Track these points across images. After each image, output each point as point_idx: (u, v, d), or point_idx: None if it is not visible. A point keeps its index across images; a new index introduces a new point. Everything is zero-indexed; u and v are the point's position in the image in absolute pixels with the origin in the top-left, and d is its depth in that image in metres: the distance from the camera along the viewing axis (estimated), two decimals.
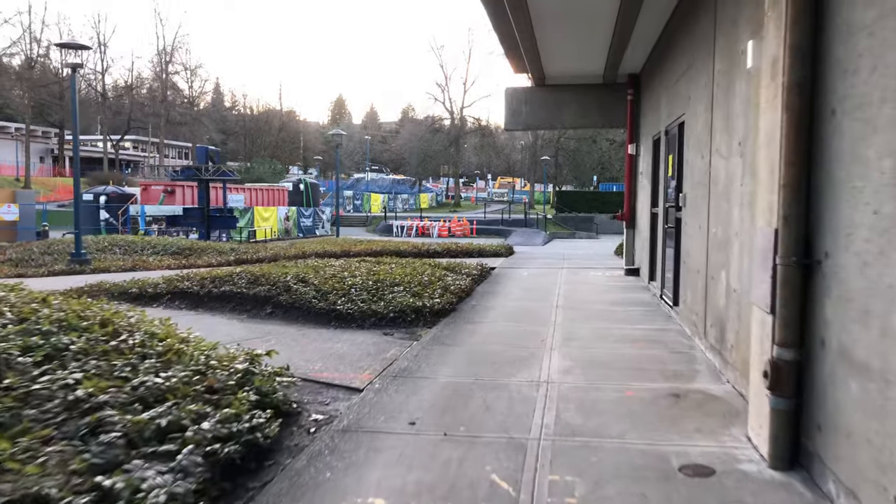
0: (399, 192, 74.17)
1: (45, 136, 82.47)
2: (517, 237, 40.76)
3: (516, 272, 13.48)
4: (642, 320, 8.22)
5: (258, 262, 15.46)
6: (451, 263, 12.47)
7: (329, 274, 9.52)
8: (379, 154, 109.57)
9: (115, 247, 17.76)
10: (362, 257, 15.28)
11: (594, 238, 44.35)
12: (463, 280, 10.80)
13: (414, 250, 16.32)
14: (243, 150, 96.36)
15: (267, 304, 8.44)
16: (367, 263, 11.43)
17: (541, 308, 9.08)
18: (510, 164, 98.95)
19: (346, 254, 15.85)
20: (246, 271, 9.51)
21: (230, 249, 18.30)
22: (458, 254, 16.44)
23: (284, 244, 20.30)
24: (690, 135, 7.45)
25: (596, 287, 11.29)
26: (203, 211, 27.33)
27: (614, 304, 9.43)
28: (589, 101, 13.76)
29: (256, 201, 40.97)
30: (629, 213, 13.68)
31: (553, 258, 17.29)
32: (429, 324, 7.95)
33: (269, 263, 13.07)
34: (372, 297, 8.50)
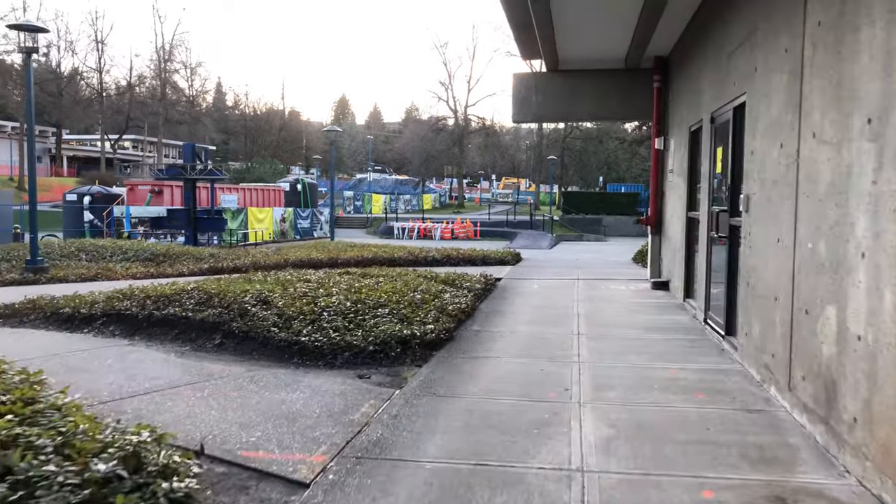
0: (402, 192, 72.55)
1: (42, 136, 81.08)
2: (522, 240, 39.02)
3: (525, 284, 11.76)
4: (689, 354, 6.49)
5: (234, 271, 13.78)
6: (450, 275, 10.76)
7: (300, 292, 7.82)
8: (382, 154, 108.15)
9: (82, 252, 16.11)
10: (348, 267, 13.60)
11: (603, 241, 42.59)
12: (463, 297, 9.09)
13: (409, 257, 14.60)
14: (244, 150, 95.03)
15: (216, 333, 6.73)
16: (351, 276, 9.72)
17: (559, 336, 7.37)
18: (515, 164, 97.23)
19: (332, 262, 14.14)
20: (201, 288, 7.81)
21: (209, 255, 16.64)
22: (460, 261, 14.72)
23: (270, 249, 18.66)
24: (757, 118, 5.72)
25: (621, 305, 9.56)
26: (189, 212, 25.68)
27: (649, 330, 7.70)
28: (608, 89, 12.03)
29: (251, 202, 39.32)
30: (655, 218, 11.95)
31: (565, 266, 15.56)
32: (418, 360, 6.24)
33: (243, 274, 11.39)
34: (348, 323, 6.80)
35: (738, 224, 6.51)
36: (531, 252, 29.65)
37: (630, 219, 49.25)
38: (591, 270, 14.17)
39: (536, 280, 12.38)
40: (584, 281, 12.22)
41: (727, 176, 6.89)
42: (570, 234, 45.70)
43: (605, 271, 14.09)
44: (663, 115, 11.66)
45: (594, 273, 13.61)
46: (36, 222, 13.72)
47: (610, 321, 8.28)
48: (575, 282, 12.11)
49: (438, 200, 76.77)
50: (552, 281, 12.29)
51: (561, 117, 12.26)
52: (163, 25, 70.33)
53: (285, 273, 10.07)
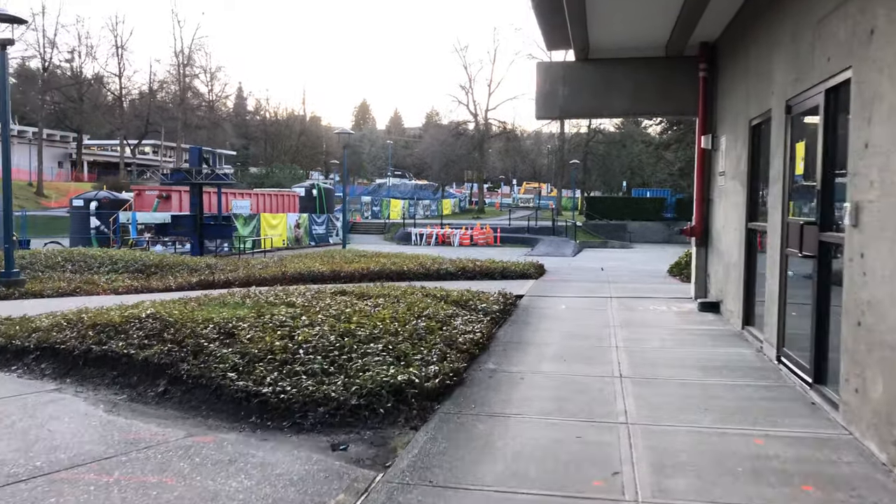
0: (421, 197, 71.23)
1: (63, 141, 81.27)
2: (544, 247, 37.41)
3: (551, 304, 10.25)
4: (771, 412, 4.93)
5: (226, 285, 12.43)
6: (463, 294, 9.28)
7: (277, 321, 6.38)
8: (402, 159, 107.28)
9: (69, 262, 14.89)
10: (352, 281, 12.20)
11: (629, 248, 40.85)
12: (477, 323, 7.61)
13: (420, 270, 13.15)
14: (263, 155, 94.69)
15: (161, 377, 5.32)
16: (347, 297, 8.28)
17: (595, 379, 5.85)
18: (536, 168, 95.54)
19: (334, 275, 12.73)
20: (158, 315, 6.40)
21: (205, 266, 15.33)
22: (476, 275, 13.23)
23: (274, 258, 17.29)
24: (874, 98, 4.19)
25: (666, 333, 8.00)
26: (195, 218, 24.45)
27: (707, 370, 6.15)
28: (645, 81, 10.49)
29: (264, 207, 38.09)
30: (701, 228, 10.37)
31: (593, 280, 14.00)
32: (415, 418, 4.76)
33: (228, 291, 10.00)
34: (329, 365, 5.35)
35: (834, 241, 4.96)
36: (554, 261, 28.02)
37: (656, 224, 47.44)
38: (625, 286, 12.59)
39: (563, 298, 10.84)
40: (619, 300, 10.66)
41: (815, 178, 5.35)
42: (594, 240, 44.00)
43: (640, 287, 12.51)
44: (710, 110, 10.10)
45: (628, 289, 12.04)
46: (11, 229, 12.50)
47: (657, 356, 6.74)
48: (608, 301, 10.56)
49: (458, 205, 75.28)
50: (581, 300, 10.75)
51: (590, 113, 10.78)
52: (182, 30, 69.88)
53: (271, 292, 8.65)
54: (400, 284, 10.66)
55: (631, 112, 11.01)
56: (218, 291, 10.05)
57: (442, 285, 10.94)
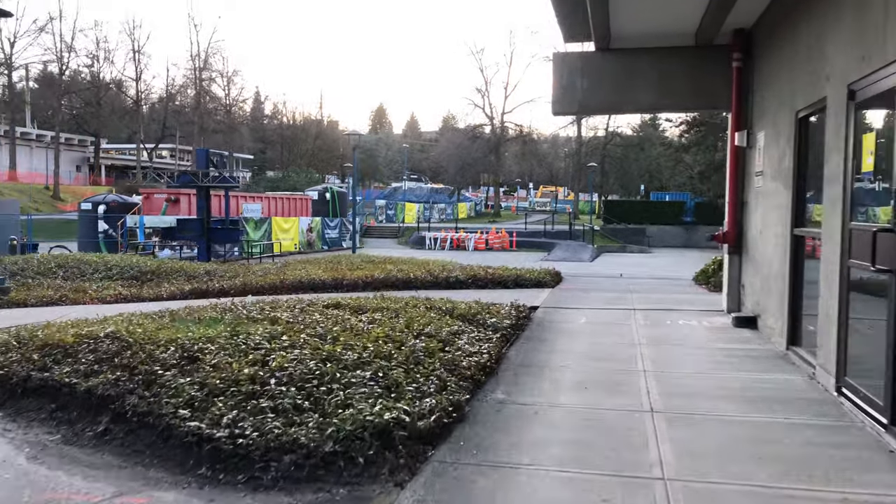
0: (437, 201, 70.43)
1: (81, 145, 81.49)
2: (561, 251, 36.42)
3: (568, 318, 9.32)
4: (844, 467, 3.97)
5: (220, 294, 11.63)
6: (472, 306, 8.39)
7: (253, 342, 5.52)
8: (418, 163, 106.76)
9: (62, 268, 14.18)
10: (355, 290, 11.37)
11: (648, 253, 39.72)
12: (486, 341, 6.72)
13: (428, 278, 12.27)
14: (280, 159, 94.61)
15: (104, 413, 4.48)
16: (341, 311, 7.41)
17: (622, 415, 4.94)
18: (553, 172, 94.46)
19: (336, 283, 11.88)
20: (117, 335, 5.58)
21: (203, 273, 14.56)
22: (488, 283, 12.32)
23: (278, 264, 16.49)
24: None
25: (701, 353, 7.05)
26: (202, 222, 23.77)
27: (754, 403, 5.20)
28: (672, 72, 9.54)
29: (276, 211, 37.45)
30: (734, 233, 9.40)
31: (614, 289, 13.04)
32: (401, 470, 3.87)
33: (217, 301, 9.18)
34: (304, 399, 4.48)
35: None
36: (571, 266, 27.00)
37: (675, 229, 46.24)
38: (649, 296, 11.62)
39: (582, 310, 9.91)
40: (643, 312, 9.71)
41: (894, 176, 4.40)
42: (612, 244, 42.93)
43: (665, 297, 11.53)
44: (745, 104, 9.14)
45: (653, 300, 11.07)
46: None
47: (692, 384, 5.81)
48: (631, 313, 9.61)
49: (474, 209, 74.42)
50: (602, 312, 9.81)
51: (612, 108, 9.86)
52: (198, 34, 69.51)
53: (257, 305, 7.79)
54: (403, 295, 9.79)
55: (656, 107, 10.08)
56: (208, 301, 9.23)
57: (450, 295, 10.06)
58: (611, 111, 10.86)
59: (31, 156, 74.17)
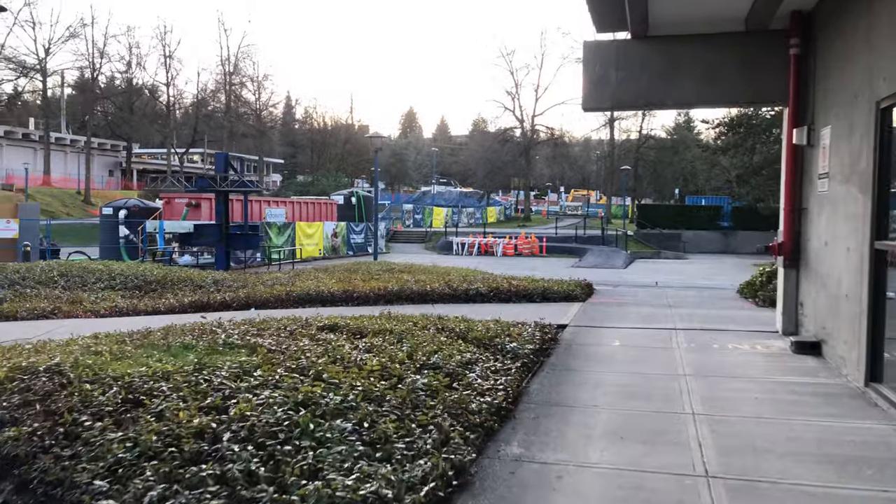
0: (466, 205, 69.52)
1: (114, 150, 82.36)
2: (593, 257, 35.13)
3: (600, 339, 8.24)
4: None
5: (221, 307, 10.79)
6: (489, 327, 7.38)
7: (217, 380, 4.57)
8: (448, 166, 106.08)
9: (64, 277, 13.50)
10: (365, 304, 10.44)
11: (684, 259, 38.20)
12: (502, 374, 5.71)
13: (447, 291, 11.26)
14: (310, 164, 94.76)
15: (8, 478, 3.56)
16: (336, 335, 6.45)
17: (671, 483, 3.86)
18: (585, 175, 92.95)
19: (345, 297, 10.94)
20: (61, 367, 4.69)
21: (211, 282, 13.76)
22: (512, 296, 11.27)
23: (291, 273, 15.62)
24: None
25: (759, 390, 5.92)
26: (220, 228, 23.06)
27: (842, 470, 4.08)
28: (720, 61, 8.42)
29: (301, 216, 36.80)
30: (791, 244, 8.23)
31: (651, 302, 11.90)
32: None
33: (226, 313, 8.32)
34: (261, 464, 3.50)
35: None
36: (604, 274, 25.75)
37: (711, 234, 44.55)
38: (691, 313, 10.46)
39: (616, 330, 8.82)
40: (686, 332, 8.58)
41: None
42: (646, 250, 41.48)
43: (709, 314, 10.37)
44: (805, 95, 7.98)
45: (696, 317, 9.91)
46: None
47: (754, 434, 4.71)
48: (672, 334, 8.49)
49: (503, 213, 73.27)
50: (639, 332, 8.70)
51: (650, 102, 8.75)
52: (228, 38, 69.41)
53: (242, 326, 6.86)
54: (416, 312, 8.81)
55: (700, 101, 8.94)
56: (201, 316, 8.36)
57: (469, 311, 9.06)
58: (648, 106, 9.70)
59: (65, 161, 75.07)
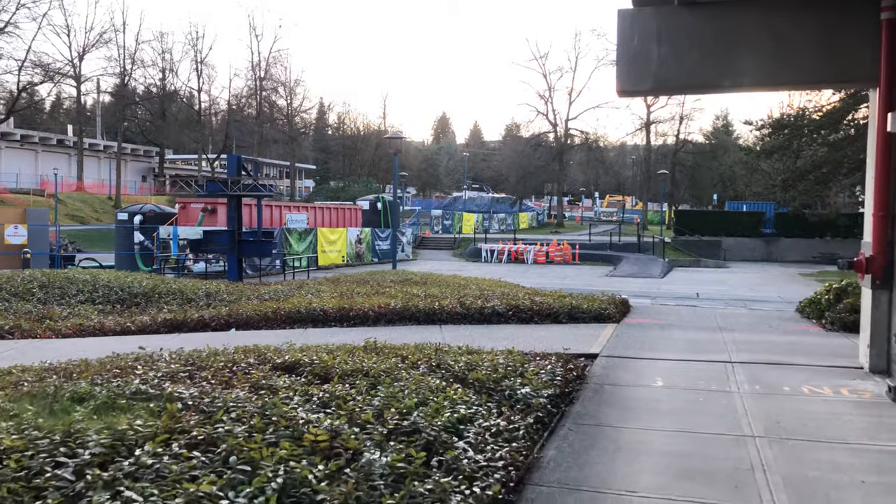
0: (497, 210, 67.96)
1: (147, 156, 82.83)
2: (629, 265, 33.25)
3: (639, 376, 6.63)
4: None
5: (199, 326, 9.40)
6: (497, 362, 5.84)
7: (61, 474, 3.12)
8: (480, 172, 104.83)
9: (44, 289, 12.31)
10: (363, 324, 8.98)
11: (725, 268, 36.05)
12: (507, 437, 4.17)
13: (458, 310, 9.69)
14: (341, 169, 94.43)
15: None
16: (290, 379, 4.96)
17: None
18: (620, 181, 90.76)
19: (340, 315, 9.43)
20: None
21: (204, 295, 12.44)
22: (534, 316, 9.66)
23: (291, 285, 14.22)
24: None
25: (862, 466, 4.25)
26: (232, 234, 21.83)
27: None
28: (791, 32, 6.76)
29: (323, 221, 35.61)
30: (883, 260, 6.51)
31: (697, 322, 10.20)
32: None
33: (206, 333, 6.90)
34: None
35: None
36: (641, 284, 23.93)
37: (753, 241, 42.17)
38: (747, 339, 8.74)
39: (657, 363, 7.19)
40: (745, 367, 6.91)
41: None
42: (684, 258, 39.40)
43: (769, 340, 8.65)
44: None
45: (754, 344, 8.21)
46: None
47: None
48: (728, 370, 6.84)
49: (536, 219, 71.46)
50: (685, 367, 7.05)
51: (701, 83, 7.09)
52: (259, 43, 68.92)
53: (181, 359, 5.40)
54: (414, 339, 7.30)
55: (764, 82, 7.25)
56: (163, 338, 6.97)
57: (480, 336, 7.54)
58: (698, 89, 7.81)
59: (99, 166, 75.55)
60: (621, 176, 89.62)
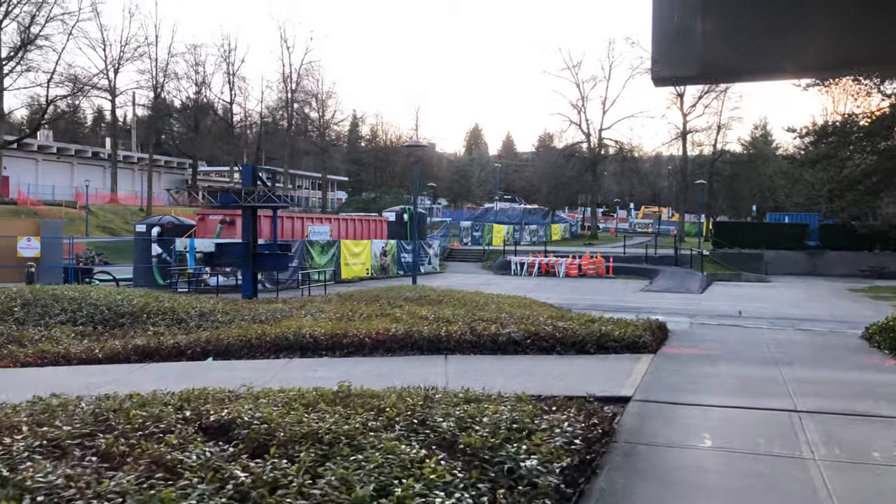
0: (529, 222, 66.54)
1: (180, 168, 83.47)
2: (665, 280, 31.53)
3: (682, 437, 5.27)
4: None
5: (172, 353, 8.30)
6: (501, 419, 4.58)
7: None
8: (512, 183, 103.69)
9: (27, 306, 11.33)
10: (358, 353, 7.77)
11: (766, 282, 34.09)
12: None
13: (469, 337, 8.40)
14: (373, 181, 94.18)
15: None
16: (211, 452, 3.78)
17: None
18: (656, 191, 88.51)
19: (332, 343, 8.21)
20: None
21: (198, 315, 11.33)
22: (556, 344, 8.32)
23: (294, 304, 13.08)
24: None
25: None
26: (247, 247, 20.86)
27: None
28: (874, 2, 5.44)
29: (347, 233, 34.63)
30: None
31: (746, 353, 8.76)
32: None
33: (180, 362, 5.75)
34: None
35: None
36: (677, 300, 22.29)
37: (796, 254, 39.96)
38: (810, 375, 7.29)
39: (702, 411, 5.81)
40: (817, 420, 5.51)
41: None
42: (723, 272, 37.47)
43: (837, 377, 7.20)
44: None
45: (821, 385, 6.78)
46: None
47: None
48: (794, 424, 5.44)
49: (569, 231, 69.80)
50: (739, 418, 5.66)
51: (760, 67, 5.58)
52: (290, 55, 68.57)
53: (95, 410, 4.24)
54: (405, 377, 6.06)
55: (845, 60, 5.90)
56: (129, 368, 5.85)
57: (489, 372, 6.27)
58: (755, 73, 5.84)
59: (132, 178, 76.22)
60: (657, 186, 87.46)
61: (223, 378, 6.65)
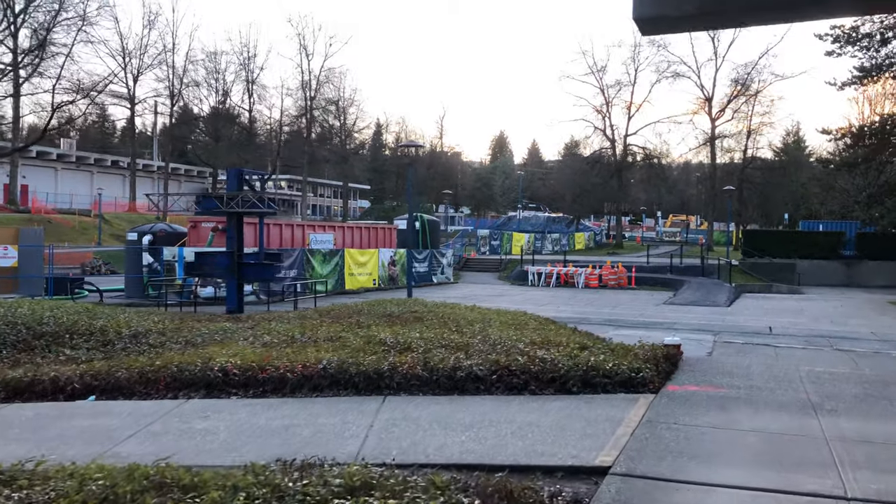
0: (552, 230, 64.66)
1: (200, 176, 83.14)
2: (690, 291, 29.38)
3: None
4: None
5: (51, 389, 6.66)
6: None
7: None
8: (536, 191, 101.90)
9: None
10: (275, 393, 6.05)
11: (800, 294, 31.70)
12: None
13: (420, 372, 6.62)
14: (395, 189, 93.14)
15: None
16: None
17: None
18: (683, 199, 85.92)
19: (245, 379, 6.46)
20: None
21: (129, 336, 9.76)
22: (530, 381, 6.47)
23: (241, 323, 11.38)
24: None
25: None
26: (231, 256, 19.30)
27: None
28: None
29: (353, 242, 33.08)
30: None
31: (775, 393, 6.89)
32: None
33: None
34: None
35: None
36: (702, 314, 20.19)
37: (831, 264, 37.44)
38: (861, 429, 5.42)
39: (709, 496, 4.03)
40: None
41: None
42: (753, 283, 35.18)
43: None
44: None
45: (877, 449, 4.92)
46: None
47: None
48: None
49: (593, 240, 67.66)
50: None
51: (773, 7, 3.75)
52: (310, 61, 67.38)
53: None
54: (295, 439, 4.35)
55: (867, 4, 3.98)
56: None
57: (429, 424, 4.56)
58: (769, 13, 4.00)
59: (153, 187, 76.02)
60: (685, 194, 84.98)
61: (80, 429, 5.02)
